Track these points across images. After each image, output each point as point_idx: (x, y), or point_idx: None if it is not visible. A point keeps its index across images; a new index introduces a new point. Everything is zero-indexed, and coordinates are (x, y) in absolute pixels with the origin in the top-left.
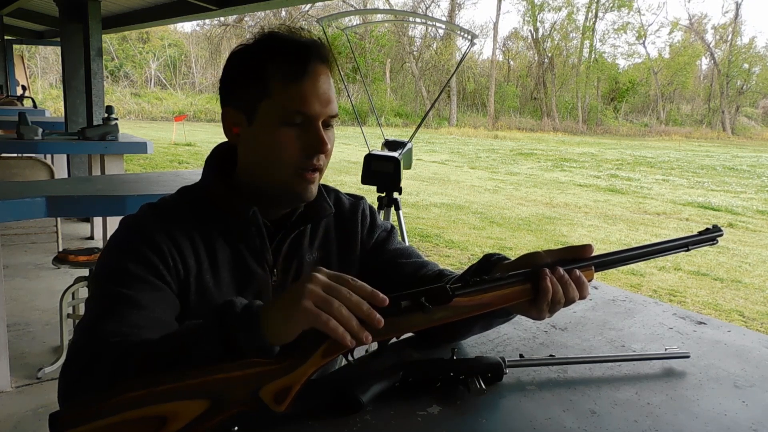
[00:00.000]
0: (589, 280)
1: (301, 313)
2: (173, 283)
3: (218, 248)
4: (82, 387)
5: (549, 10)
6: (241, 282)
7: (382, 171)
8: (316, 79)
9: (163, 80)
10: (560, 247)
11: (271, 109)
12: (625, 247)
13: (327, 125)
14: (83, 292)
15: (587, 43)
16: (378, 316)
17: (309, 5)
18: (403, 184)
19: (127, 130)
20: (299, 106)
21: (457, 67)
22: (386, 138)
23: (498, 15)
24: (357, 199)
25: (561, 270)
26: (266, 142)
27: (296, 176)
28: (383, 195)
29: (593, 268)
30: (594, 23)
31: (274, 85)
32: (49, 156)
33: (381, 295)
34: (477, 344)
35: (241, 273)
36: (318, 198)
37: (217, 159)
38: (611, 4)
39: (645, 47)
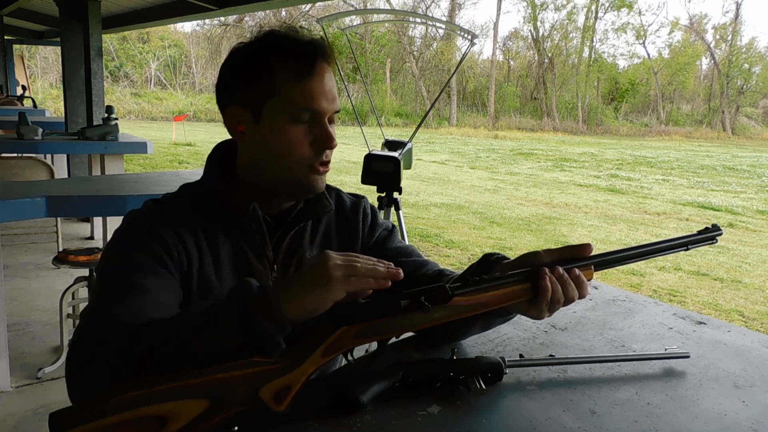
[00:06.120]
0: (589, 280)
1: (333, 284)
2: (176, 274)
3: (220, 243)
4: (89, 372)
5: (549, 10)
6: (242, 277)
7: (382, 171)
8: (322, 76)
9: (163, 80)
10: (559, 246)
11: (278, 107)
12: (625, 247)
13: (331, 121)
14: (83, 292)
15: (587, 43)
16: (396, 268)
17: (309, 5)
18: (403, 184)
19: (127, 130)
20: (308, 104)
21: (457, 67)
22: (386, 138)
23: (498, 15)
24: (358, 198)
25: (560, 269)
26: (275, 139)
27: (308, 171)
28: (383, 195)
29: (593, 267)
30: (594, 23)
31: (282, 83)
32: (49, 156)
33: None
34: (477, 344)
35: (242, 268)
36: (318, 195)
37: (219, 157)
38: (611, 5)
39: (645, 47)
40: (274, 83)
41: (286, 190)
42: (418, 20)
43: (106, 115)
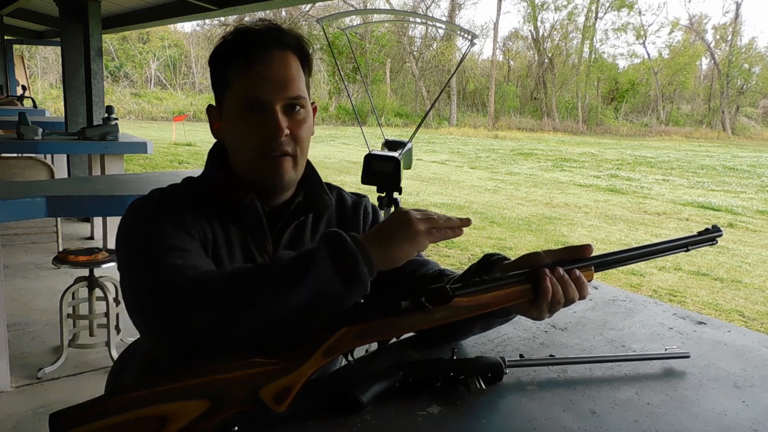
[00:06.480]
0: (589, 281)
1: (420, 237)
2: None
3: (231, 231)
4: (187, 322)
5: (549, 10)
6: None
7: (382, 171)
8: (267, 64)
9: (163, 80)
10: (560, 247)
11: (231, 99)
12: (625, 247)
13: (292, 108)
14: (83, 292)
15: (587, 43)
16: (464, 217)
17: (309, 5)
18: (403, 184)
19: (127, 130)
20: (252, 92)
21: (457, 67)
22: (386, 138)
23: (498, 15)
24: (360, 197)
25: (561, 270)
26: (230, 130)
27: (262, 161)
28: (383, 195)
29: (593, 268)
30: (594, 23)
31: (231, 75)
32: (49, 156)
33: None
34: (477, 344)
35: (247, 259)
36: (317, 189)
37: (219, 153)
38: (611, 5)
39: (645, 47)
40: (226, 75)
41: (256, 183)
42: (418, 20)
43: (106, 115)
